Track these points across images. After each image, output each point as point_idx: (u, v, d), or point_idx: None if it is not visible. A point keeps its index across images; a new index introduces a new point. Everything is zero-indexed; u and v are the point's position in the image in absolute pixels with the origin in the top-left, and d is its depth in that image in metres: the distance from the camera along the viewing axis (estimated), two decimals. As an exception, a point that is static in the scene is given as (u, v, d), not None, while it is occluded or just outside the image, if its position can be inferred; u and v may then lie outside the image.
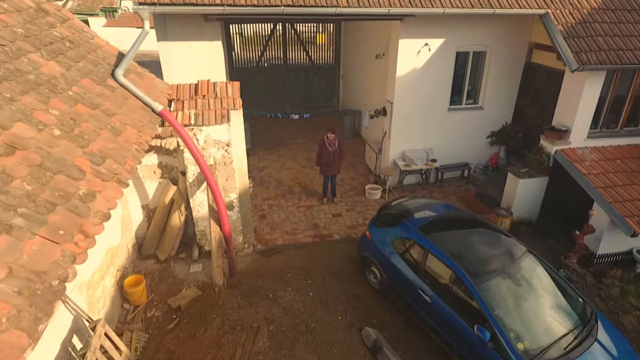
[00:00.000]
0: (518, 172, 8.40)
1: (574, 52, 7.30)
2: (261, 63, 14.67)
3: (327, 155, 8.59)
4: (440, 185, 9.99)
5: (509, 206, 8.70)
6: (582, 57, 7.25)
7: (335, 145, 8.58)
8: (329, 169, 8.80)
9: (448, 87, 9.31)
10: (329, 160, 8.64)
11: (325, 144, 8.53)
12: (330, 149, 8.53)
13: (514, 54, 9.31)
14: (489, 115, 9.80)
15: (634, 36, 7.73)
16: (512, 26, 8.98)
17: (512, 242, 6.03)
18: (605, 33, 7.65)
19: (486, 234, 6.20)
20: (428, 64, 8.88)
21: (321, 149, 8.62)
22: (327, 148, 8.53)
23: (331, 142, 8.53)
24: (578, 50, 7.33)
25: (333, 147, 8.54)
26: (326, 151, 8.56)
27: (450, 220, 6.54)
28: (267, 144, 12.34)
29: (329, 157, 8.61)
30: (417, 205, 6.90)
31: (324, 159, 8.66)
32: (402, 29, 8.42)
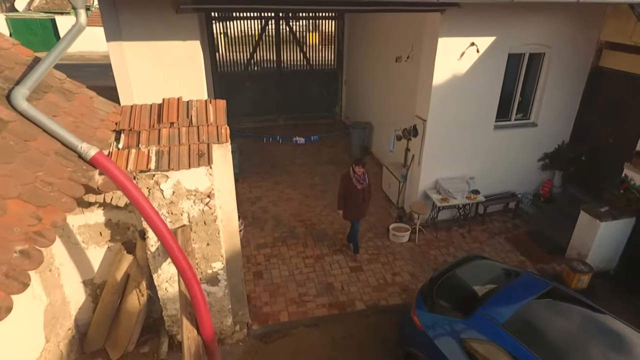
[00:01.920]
0: (597, 212, 6.36)
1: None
2: (251, 67, 12.42)
3: (354, 195, 6.43)
4: (482, 221, 7.92)
5: (581, 254, 6.67)
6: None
7: (365, 181, 6.46)
8: (357, 213, 6.66)
9: (495, 99, 7.25)
10: (357, 201, 6.48)
11: (352, 180, 6.38)
12: (359, 187, 6.39)
13: (578, 56, 7.29)
14: (543, 133, 7.77)
15: None
16: (579, 21, 6.95)
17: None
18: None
19: (613, 332, 4.07)
20: (473, 69, 6.80)
21: (346, 188, 6.45)
22: (354, 185, 6.38)
23: (360, 178, 6.37)
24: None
25: (363, 183, 6.41)
26: (353, 190, 6.39)
27: (549, 309, 4.37)
28: (259, 167, 10.10)
29: (357, 198, 6.45)
30: (487, 276, 4.80)
31: (351, 199, 6.49)
32: (442, 24, 6.31)
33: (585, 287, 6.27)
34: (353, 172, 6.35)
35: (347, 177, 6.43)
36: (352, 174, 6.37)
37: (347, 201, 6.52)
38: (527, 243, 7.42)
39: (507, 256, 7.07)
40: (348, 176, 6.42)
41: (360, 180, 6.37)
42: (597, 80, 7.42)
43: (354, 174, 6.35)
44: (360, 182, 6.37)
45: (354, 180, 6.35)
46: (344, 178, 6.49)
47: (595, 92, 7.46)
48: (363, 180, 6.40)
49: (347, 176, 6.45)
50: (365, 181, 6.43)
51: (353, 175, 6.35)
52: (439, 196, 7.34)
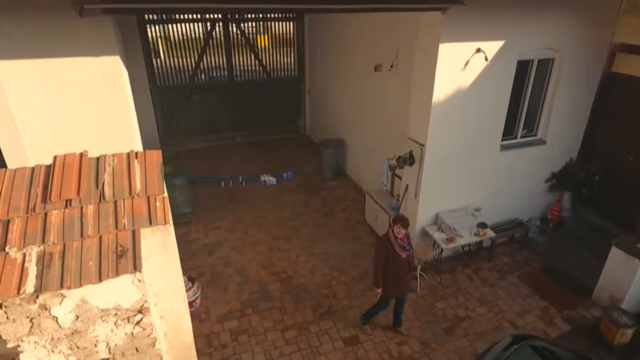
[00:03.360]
0: (635, 249, 5.32)
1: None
2: (197, 77, 10.56)
3: (397, 266, 4.78)
4: (489, 256, 6.72)
5: (614, 297, 5.63)
6: None
7: (411, 245, 4.89)
8: (401, 287, 5.03)
9: (502, 115, 6.05)
10: (401, 272, 4.86)
11: (393, 246, 4.71)
12: (404, 254, 4.78)
13: (589, 61, 6.28)
14: (551, 150, 6.71)
15: None
16: (588, 19, 5.92)
17: None
18: None
19: None
20: (479, 80, 5.55)
21: (386, 256, 4.74)
22: (397, 254, 4.73)
23: (404, 243, 4.75)
24: None
25: (408, 249, 4.82)
26: (395, 257, 4.74)
27: None
28: (215, 200, 8.34)
29: (401, 269, 4.84)
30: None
31: (392, 271, 4.81)
32: (444, 26, 4.98)
33: (628, 341, 5.20)
34: (393, 235, 4.68)
35: (387, 243, 4.73)
36: (392, 238, 4.69)
37: (387, 274, 4.83)
38: (545, 282, 6.29)
39: (526, 303, 5.90)
40: (387, 241, 4.73)
41: (405, 246, 4.74)
42: (610, 88, 6.45)
43: (395, 238, 4.68)
44: (405, 248, 4.74)
45: (396, 247, 4.69)
46: (382, 244, 4.78)
47: (609, 101, 6.48)
48: (409, 246, 4.79)
49: (386, 241, 4.76)
50: (410, 246, 4.85)
51: (394, 239, 4.68)
52: (443, 235, 6.03)
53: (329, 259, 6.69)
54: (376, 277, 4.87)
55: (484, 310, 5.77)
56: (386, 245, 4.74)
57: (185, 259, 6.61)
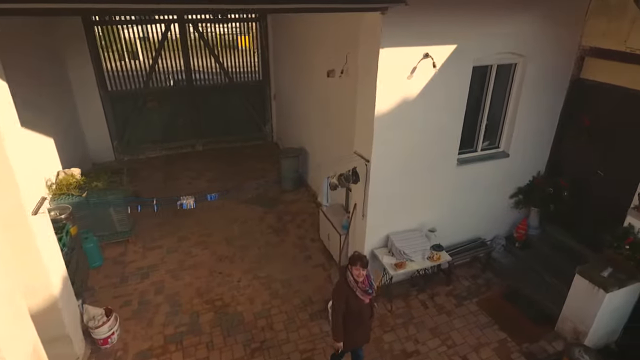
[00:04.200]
0: (600, 279, 4.75)
1: None
2: (152, 82, 9.92)
3: (359, 313, 3.97)
4: (448, 279, 6.14)
5: (577, 330, 5.06)
6: None
7: (373, 287, 4.06)
8: (360, 337, 4.20)
9: (458, 126, 5.47)
10: (360, 320, 4.04)
11: (353, 291, 3.89)
12: (367, 299, 3.98)
13: (556, 67, 5.71)
14: (515, 163, 6.14)
15: None
16: (554, 20, 5.35)
17: None
18: None
19: None
20: (429, 89, 4.97)
21: (346, 302, 3.90)
22: (359, 300, 3.92)
23: (365, 286, 3.93)
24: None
25: (370, 292, 3.98)
26: (357, 304, 3.92)
27: None
28: (160, 217, 7.67)
29: (363, 315, 4.03)
30: None
31: (352, 319, 3.98)
32: (384, 28, 4.40)
33: (590, 382, 4.63)
34: (353, 280, 3.86)
35: (346, 288, 3.90)
36: (352, 283, 3.87)
37: (348, 323, 3.99)
38: (506, 309, 5.72)
39: (483, 334, 5.31)
40: (346, 286, 3.90)
41: (366, 289, 3.93)
42: (579, 96, 5.89)
43: (354, 282, 3.87)
44: (367, 292, 3.93)
45: (358, 293, 3.88)
46: (341, 291, 3.92)
47: (578, 111, 5.92)
48: (371, 288, 3.99)
49: (344, 287, 3.91)
50: (373, 288, 4.04)
51: (354, 283, 3.86)
52: (392, 259, 5.44)
53: (272, 284, 6.09)
54: (336, 330, 3.99)
55: (436, 344, 5.18)
56: (345, 291, 3.89)
57: (113, 285, 6.03)
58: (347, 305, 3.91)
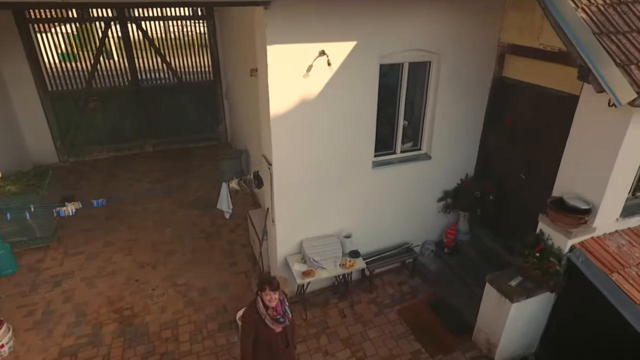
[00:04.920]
0: (506, 288, 4.51)
1: (620, 66, 3.51)
2: (95, 83, 9.66)
3: (270, 343, 3.53)
4: (370, 287, 5.91)
5: (490, 342, 4.84)
6: (637, 77, 3.47)
7: (288, 315, 3.58)
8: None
9: (371, 128, 5.23)
10: (272, 352, 3.58)
11: (262, 318, 3.45)
12: (277, 327, 3.49)
13: (476, 64, 5.46)
14: (440, 165, 5.89)
15: None
16: (471, 15, 5.11)
17: None
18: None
19: None
20: (330, 88, 4.72)
21: (255, 332, 3.48)
22: (269, 329, 3.47)
23: (275, 314, 3.48)
24: (626, 62, 3.55)
25: (283, 321, 3.51)
26: (268, 333, 3.48)
27: None
28: (90, 221, 7.45)
29: (275, 346, 3.56)
30: None
31: (265, 350, 3.56)
32: (269, 24, 4.16)
33: (495, 397, 4.42)
34: (263, 305, 3.45)
35: (255, 315, 3.46)
36: (261, 309, 3.44)
37: (258, 354, 3.55)
38: (427, 318, 5.49)
39: (397, 345, 5.08)
40: (255, 312, 3.46)
41: (277, 318, 3.47)
42: (501, 95, 5.64)
43: (265, 308, 3.44)
44: (279, 320, 3.48)
45: (267, 320, 3.43)
46: (250, 316, 3.49)
47: (501, 111, 5.68)
48: (284, 317, 3.51)
49: (253, 313, 3.47)
50: (287, 316, 3.55)
51: (264, 310, 3.43)
52: (303, 267, 5.21)
53: (189, 292, 5.86)
54: None
55: (346, 355, 4.95)
56: (255, 318, 3.45)
57: (21, 294, 5.80)
58: (256, 333, 3.48)
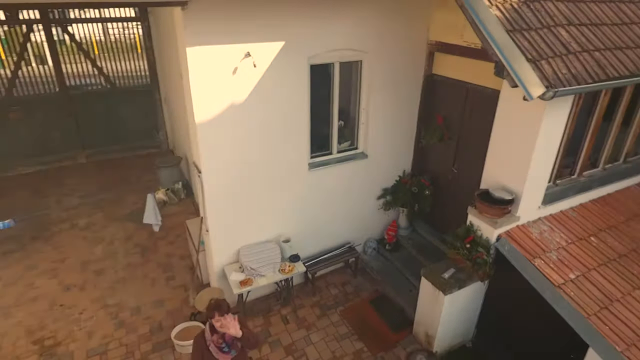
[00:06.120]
0: (440, 281, 4.60)
1: (530, 61, 3.65)
2: (16, 91, 8.92)
3: None
4: (313, 290, 5.84)
5: (428, 334, 4.91)
6: (546, 71, 3.63)
7: (235, 345, 3.32)
8: None
9: (305, 129, 5.15)
10: None
11: (208, 344, 3.27)
12: (222, 358, 3.30)
13: (406, 63, 5.54)
14: (378, 164, 5.94)
15: (620, 24, 4.43)
16: (400, 14, 5.18)
17: None
18: (569, 21, 4.19)
19: None
20: (261, 89, 4.60)
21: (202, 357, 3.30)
22: (211, 355, 3.28)
23: (220, 341, 3.27)
24: (536, 57, 3.70)
25: (227, 351, 3.30)
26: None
27: None
28: (13, 242, 6.85)
29: None
30: None
31: None
32: (188, 25, 3.97)
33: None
34: (211, 329, 3.27)
35: (202, 339, 3.30)
36: (207, 333, 3.29)
37: None
38: (370, 316, 5.50)
39: (340, 347, 5.04)
40: (202, 337, 3.31)
41: (222, 347, 3.26)
42: (431, 93, 5.78)
43: (210, 335, 3.27)
44: (222, 349, 3.27)
45: (211, 347, 3.25)
46: (198, 342, 3.32)
47: (432, 108, 5.81)
48: (229, 346, 3.29)
49: (201, 338, 3.32)
50: (233, 347, 3.31)
51: (209, 336, 3.27)
52: (240, 276, 5.03)
53: (121, 312, 5.49)
54: None
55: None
56: (202, 345, 3.27)
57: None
58: None
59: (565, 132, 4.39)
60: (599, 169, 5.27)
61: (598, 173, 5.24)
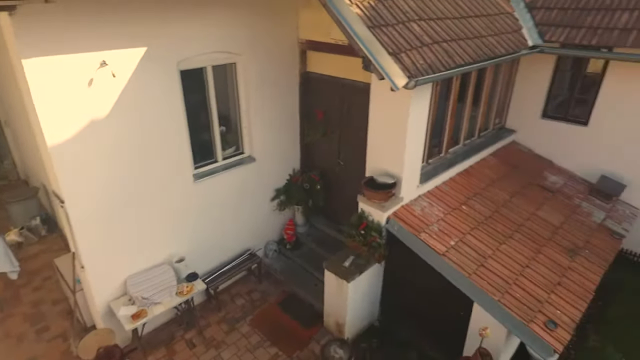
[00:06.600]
0: (342, 270, 4.75)
1: (392, 55, 3.92)
2: None
3: None
4: (217, 305, 5.55)
5: (339, 323, 5.05)
6: (407, 63, 3.94)
7: None
8: None
9: (183, 139, 4.80)
10: None
11: None
12: None
13: (281, 63, 5.54)
14: (266, 166, 5.86)
15: (459, 18, 5.00)
16: (271, 16, 5.14)
17: None
18: (419, 16, 4.60)
19: None
20: (124, 101, 4.13)
21: None
22: None
23: None
24: (396, 51, 3.99)
25: None
26: None
27: None
28: None
29: None
30: None
31: None
32: (20, 32, 3.35)
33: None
34: None
35: None
36: None
37: None
38: (280, 319, 5.43)
39: (254, 357, 4.88)
40: None
41: None
42: (308, 90, 5.90)
43: None
44: None
45: None
46: None
47: (312, 105, 5.93)
48: None
49: None
50: None
51: None
52: (130, 310, 4.51)
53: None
54: None
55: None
56: None
57: None
58: None
59: (430, 116, 4.86)
60: (461, 145, 6.00)
61: (460, 149, 5.96)
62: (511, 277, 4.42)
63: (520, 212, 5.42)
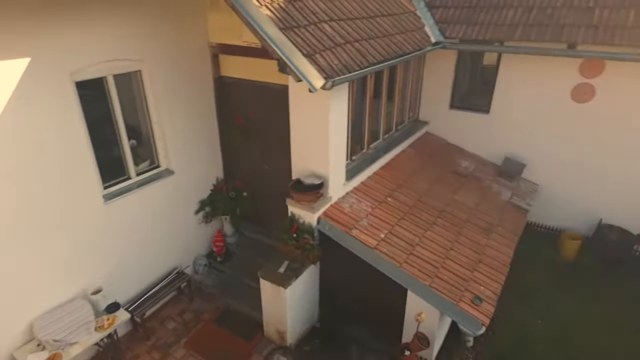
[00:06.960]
0: (278, 277, 4.64)
1: (307, 56, 3.88)
2: None
3: None
4: (145, 333, 5.12)
5: (280, 331, 4.94)
6: (322, 64, 3.93)
7: None
8: None
9: (87, 158, 4.32)
10: None
11: None
12: None
13: (191, 68, 5.25)
14: (187, 178, 5.52)
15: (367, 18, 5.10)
16: (178, 19, 4.83)
17: None
18: (330, 17, 4.62)
19: None
20: (3, 121, 3.59)
21: None
22: None
23: None
24: (311, 52, 3.96)
25: None
26: None
27: None
28: None
29: None
30: None
31: None
32: None
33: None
34: None
35: None
36: None
37: None
38: (218, 336, 5.17)
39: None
40: None
41: None
42: (225, 95, 5.68)
43: None
44: None
45: None
46: None
47: (230, 110, 5.72)
48: None
49: None
50: None
51: None
52: (41, 356, 3.96)
53: None
54: None
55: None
56: None
57: None
58: None
59: (349, 114, 4.94)
60: (381, 140, 6.20)
61: (381, 144, 6.16)
62: (438, 261, 4.66)
63: (440, 199, 5.75)
